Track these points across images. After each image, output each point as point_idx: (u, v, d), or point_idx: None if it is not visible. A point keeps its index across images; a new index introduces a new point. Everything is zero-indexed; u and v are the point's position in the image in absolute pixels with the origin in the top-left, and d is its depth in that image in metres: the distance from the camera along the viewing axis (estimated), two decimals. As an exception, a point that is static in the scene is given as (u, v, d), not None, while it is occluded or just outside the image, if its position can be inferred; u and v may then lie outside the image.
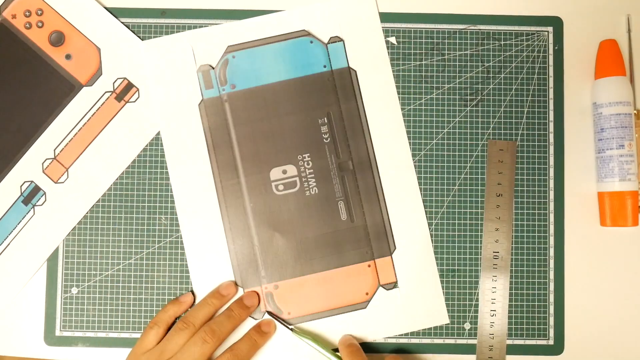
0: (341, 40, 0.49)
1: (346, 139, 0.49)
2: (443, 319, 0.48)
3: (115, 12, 0.50)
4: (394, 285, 0.49)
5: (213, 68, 0.49)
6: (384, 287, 0.48)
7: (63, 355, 0.49)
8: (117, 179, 0.49)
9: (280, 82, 0.49)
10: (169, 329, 0.47)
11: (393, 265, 0.49)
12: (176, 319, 0.47)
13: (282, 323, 0.46)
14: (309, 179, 0.49)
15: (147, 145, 0.50)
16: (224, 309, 0.47)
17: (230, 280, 0.48)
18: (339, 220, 0.49)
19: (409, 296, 0.48)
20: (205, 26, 0.50)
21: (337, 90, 0.49)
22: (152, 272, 0.49)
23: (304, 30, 0.49)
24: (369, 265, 0.48)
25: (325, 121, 0.49)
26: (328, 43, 0.49)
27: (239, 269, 0.48)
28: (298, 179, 0.49)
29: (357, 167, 0.49)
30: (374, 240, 0.49)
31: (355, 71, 0.49)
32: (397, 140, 0.49)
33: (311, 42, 0.49)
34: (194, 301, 0.48)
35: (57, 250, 0.49)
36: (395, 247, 0.49)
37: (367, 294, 0.48)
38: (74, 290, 0.49)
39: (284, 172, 0.49)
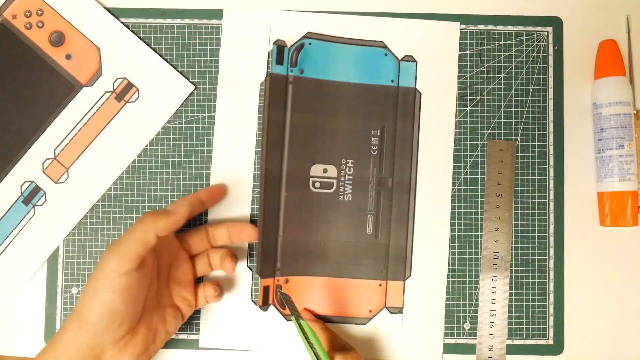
0: (415, 60, 0.49)
1: (393, 156, 0.49)
2: (436, 358, 0.48)
3: (116, 12, 0.50)
4: (399, 310, 0.48)
5: (287, 47, 0.49)
6: (388, 310, 0.48)
7: (63, 355, 0.49)
8: (117, 179, 0.49)
9: (347, 82, 0.49)
10: None
11: (404, 291, 0.48)
12: None
13: (291, 308, 0.45)
14: (346, 185, 0.49)
15: (147, 145, 0.50)
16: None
17: (222, 184, 0.48)
18: (364, 232, 0.49)
19: (411, 326, 0.48)
20: (205, 26, 0.50)
21: (397, 107, 0.49)
22: (152, 272, 0.49)
23: (382, 41, 0.49)
24: (380, 285, 0.48)
25: (378, 133, 0.49)
26: (401, 60, 0.49)
27: (261, 256, 0.48)
28: (336, 181, 0.49)
29: (395, 186, 0.49)
30: (392, 261, 0.48)
31: (421, 94, 0.49)
32: (442, 170, 0.49)
33: (386, 54, 0.49)
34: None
35: (57, 250, 0.49)
36: (410, 274, 0.49)
37: (370, 311, 0.48)
38: (74, 290, 0.49)
39: (325, 171, 0.49)
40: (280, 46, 0.48)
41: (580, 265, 0.49)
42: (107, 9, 0.50)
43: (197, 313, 0.48)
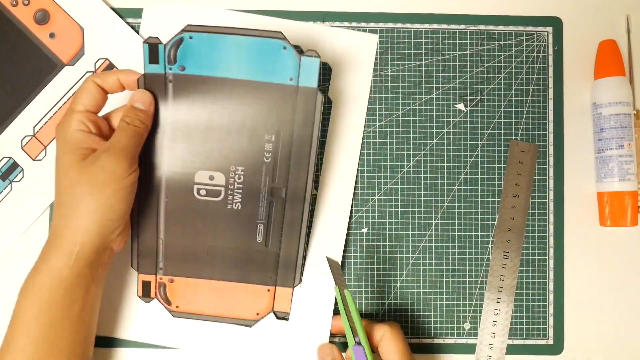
0: (318, 56, 0.43)
1: (288, 165, 0.45)
2: None
3: (117, 13, 0.50)
4: (286, 316, 0.48)
5: (162, 43, 0.43)
6: (276, 314, 0.47)
7: (63, 356, 0.49)
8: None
9: (237, 80, 0.43)
10: None
11: (292, 298, 0.48)
12: None
13: (336, 277, 0.42)
14: (235, 194, 0.45)
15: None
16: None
17: (142, 89, 0.43)
18: (254, 241, 0.46)
19: (296, 332, 0.47)
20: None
21: (296, 110, 0.44)
22: (152, 272, 0.49)
23: (279, 32, 0.42)
24: (269, 290, 0.47)
25: (272, 139, 0.44)
26: (303, 55, 0.43)
27: (138, 254, 0.47)
28: (224, 189, 0.45)
29: (289, 197, 0.45)
30: (281, 269, 0.47)
31: (323, 96, 0.44)
32: (344, 180, 0.49)
33: (284, 47, 0.42)
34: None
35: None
36: (300, 282, 0.48)
37: (257, 314, 0.47)
38: (74, 290, 0.49)
39: (211, 178, 0.45)
40: (152, 44, 0.43)
41: (580, 265, 0.49)
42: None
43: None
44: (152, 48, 0.43)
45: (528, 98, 0.50)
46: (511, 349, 0.49)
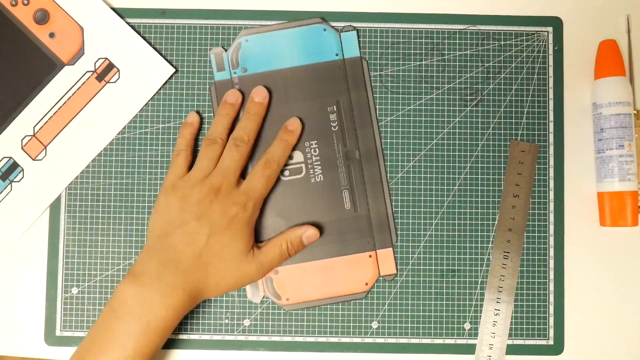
0: (354, 29, 0.49)
1: (354, 128, 0.49)
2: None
3: (117, 13, 0.50)
4: (394, 277, 0.49)
5: (226, 51, 0.49)
6: (384, 278, 0.49)
7: (63, 355, 0.49)
8: (117, 179, 0.49)
9: (292, 68, 0.49)
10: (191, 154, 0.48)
11: (394, 257, 0.49)
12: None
13: None
14: (315, 167, 0.49)
15: (147, 145, 0.50)
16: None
17: (232, 89, 0.49)
18: (343, 209, 0.49)
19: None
20: (206, 26, 0.50)
21: (347, 79, 0.49)
22: (152, 272, 0.49)
23: (318, 18, 0.49)
24: (370, 256, 0.49)
25: (334, 109, 0.49)
26: (341, 31, 0.49)
27: None
28: (304, 165, 0.49)
29: (363, 157, 0.49)
30: (376, 230, 0.49)
31: (367, 61, 0.49)
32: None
33: (324, 29, 0.49)
34: (201, 119, 0.49)
35: (57, 250, 0.49)
36: (397, 238, 0.49)
37: (366, 284, 0.49)
38: (74, 290, 0.49)
39: (291, 158, 0.49)
40: (217, 54, 0.49)
41: (580, 265, 0.49)
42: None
43: (197, 311, 0.48)
44: (218, 58, 0.49)
45: (528, 98, 0.50)
46: (511, 349, 0.49)
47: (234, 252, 0.44)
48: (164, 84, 0.50)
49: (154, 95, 0.50)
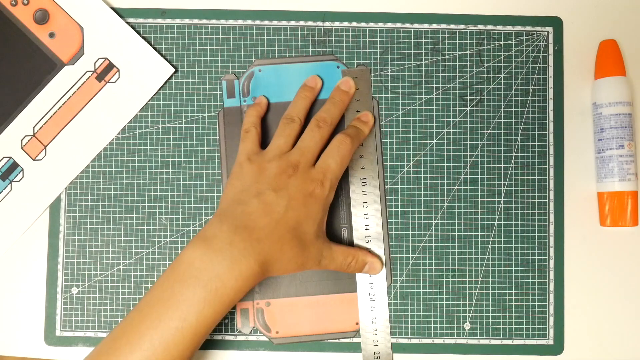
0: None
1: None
2: None
3: (117, 13, 0.50)
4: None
5: (238, 78, 0.49)
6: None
7: (63, 355, 0.49)
8: (117, 179, 0.49)
9: None
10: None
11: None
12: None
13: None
14: None
15: (147, 145, 0.50)
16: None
17: (314, 75, 0.49)
18: None
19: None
20: (206, 27, 0.50)
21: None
22: (152, 272, 0.49)
23: (332, 54, 0.49)
24: None
25: None
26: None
27: None
28: None
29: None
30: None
31: (378, 102, 0.50)
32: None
33: (337, 67, 0.49)
34: (268, 104, 0.49)
35: (57, 250, 0.49)
36: (392, 281, 0.49)
37: (356, 323, 0.48)
38: (74, 290, 0.49)
39: None
40: (229, 81, 0.49)
41: (580, 265, 0.49)
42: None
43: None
44: (230, 84, 0.49)
45: (528, 98, 0.50)
46: (511, 350, 0.49)
47: (306, 231, 0.43)
48: (164, 84, 0.50)
49: (154, 95, 0.50)
